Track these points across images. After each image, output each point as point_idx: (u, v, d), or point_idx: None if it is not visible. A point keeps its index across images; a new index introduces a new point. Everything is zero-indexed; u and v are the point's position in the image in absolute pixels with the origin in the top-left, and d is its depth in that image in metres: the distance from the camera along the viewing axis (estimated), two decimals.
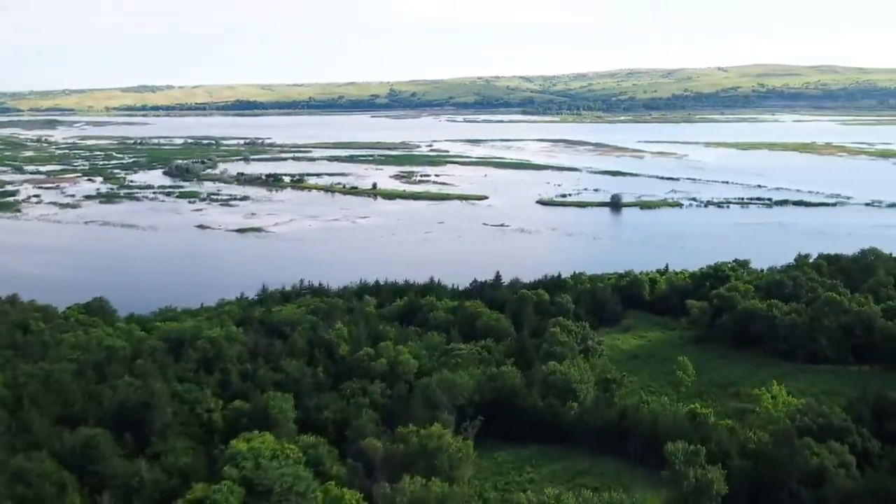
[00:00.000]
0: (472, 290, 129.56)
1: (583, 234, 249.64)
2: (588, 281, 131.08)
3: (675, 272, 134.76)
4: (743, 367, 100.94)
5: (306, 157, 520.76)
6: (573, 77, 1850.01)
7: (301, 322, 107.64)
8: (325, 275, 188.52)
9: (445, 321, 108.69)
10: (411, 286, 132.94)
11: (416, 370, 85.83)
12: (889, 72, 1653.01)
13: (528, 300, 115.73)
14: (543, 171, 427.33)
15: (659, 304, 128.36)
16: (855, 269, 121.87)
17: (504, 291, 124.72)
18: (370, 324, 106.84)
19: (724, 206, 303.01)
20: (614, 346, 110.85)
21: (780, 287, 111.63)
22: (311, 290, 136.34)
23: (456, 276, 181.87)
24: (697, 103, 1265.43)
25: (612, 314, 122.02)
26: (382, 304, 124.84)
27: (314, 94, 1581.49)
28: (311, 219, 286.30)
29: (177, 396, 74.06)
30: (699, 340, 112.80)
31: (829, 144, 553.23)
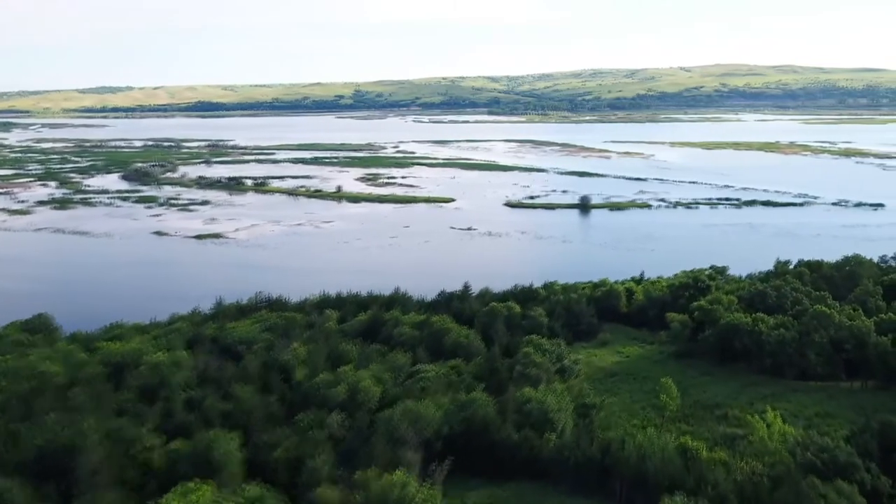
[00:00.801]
0: (440, 301, 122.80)
1: (552, 237, 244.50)
2: (561, 291, 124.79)
3: (652, 281, 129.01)
4: (729, 386, 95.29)
5: (269, 160, 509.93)
6: (538, 77, 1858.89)
7: (256, 341, 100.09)
8: (285, 284, 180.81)
9: (411, 338, 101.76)
10: (375, 298, 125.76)
11: (379, 397, 78.95)
12: (847, 71, 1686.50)
13: (498, 314, 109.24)
14: (511, 172, 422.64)
15: (636, 316, 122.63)
16: (838, 277, 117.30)
17: (473, 303, 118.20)
18: (330, 342, 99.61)
19: (692, 206, 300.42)
20: (591, 362, 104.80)
21: (764, 298, 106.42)
22: (268, 303, 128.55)
23: (422, 285, 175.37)
24: (661, 103, 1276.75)
25: (587, 328, 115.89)
26: (345, 318, 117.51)
27: (278, 95, 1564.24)
28: (273, 224, 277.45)
29: (111, 435, 66.26)
30: (680, 356, 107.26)
31: (792, 144, 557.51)
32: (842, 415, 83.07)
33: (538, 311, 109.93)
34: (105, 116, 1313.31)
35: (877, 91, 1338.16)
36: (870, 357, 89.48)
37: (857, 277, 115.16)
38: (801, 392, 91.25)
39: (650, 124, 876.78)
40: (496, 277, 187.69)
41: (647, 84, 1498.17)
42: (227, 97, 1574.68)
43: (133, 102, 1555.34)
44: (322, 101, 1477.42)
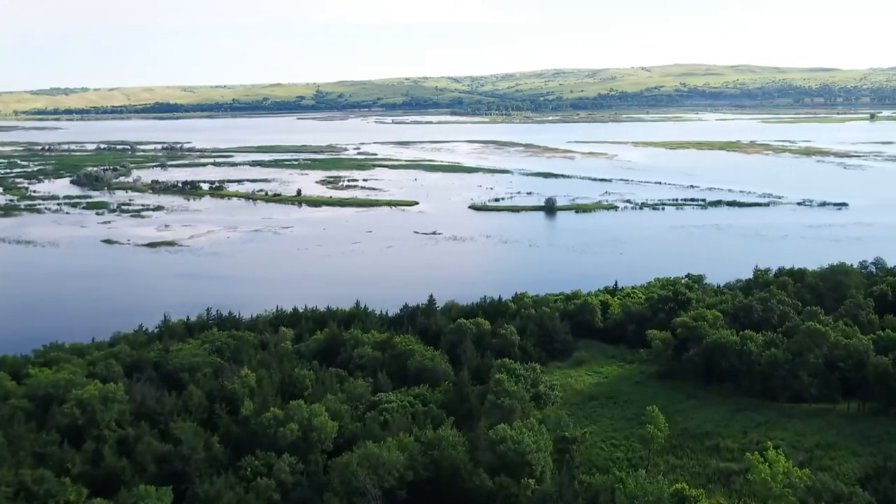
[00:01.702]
0: (403, 316, 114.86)
1: (518, 241, 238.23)
2: (532, 304, 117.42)
3: (627, 292, 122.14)
4: (718, 411, 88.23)
5: (227, 163, 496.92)
6: (501, 77, 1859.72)
7: (201, 367, 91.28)
8: (240, 296, 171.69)
9: (372, 360, 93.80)
10: (334, 313, 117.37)
11: (336, 434, 70.94)
12: (803, 71, 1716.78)
13: (466, 331, 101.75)
14: (475, 173, 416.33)
15: (613, 331, 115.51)
16: (823, 287, 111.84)
17: (439, 319, 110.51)
18: (284, 366, 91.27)
19: (658, 207, 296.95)
20: (567, 384, 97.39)
21: (749, 312, 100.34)
22: (219, 320, 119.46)
23: (386, 295, 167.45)
24: (623, 102, 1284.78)
25: (562, 346, 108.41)
26: (301, 337, 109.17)
27: (238, 96, 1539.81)
28: (229, 230, 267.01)
29: (24, 490, 57.42)
30: (663, 376, 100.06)
31: (753, 143, 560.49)
32: (844, 445, 76.98)
33: (509, 328, 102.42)
34: (58, 119, 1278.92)
35: (831, 90, 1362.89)
36: (868, 378, 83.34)
37: (844, 287, 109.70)
38: (796, 418, 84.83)
39: (613, 124, 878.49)
40: (463, 285, 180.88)
41: (608, 84, 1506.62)
42: (186, 98, 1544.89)
43: (88, 104, 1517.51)
44: (283, 102, 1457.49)
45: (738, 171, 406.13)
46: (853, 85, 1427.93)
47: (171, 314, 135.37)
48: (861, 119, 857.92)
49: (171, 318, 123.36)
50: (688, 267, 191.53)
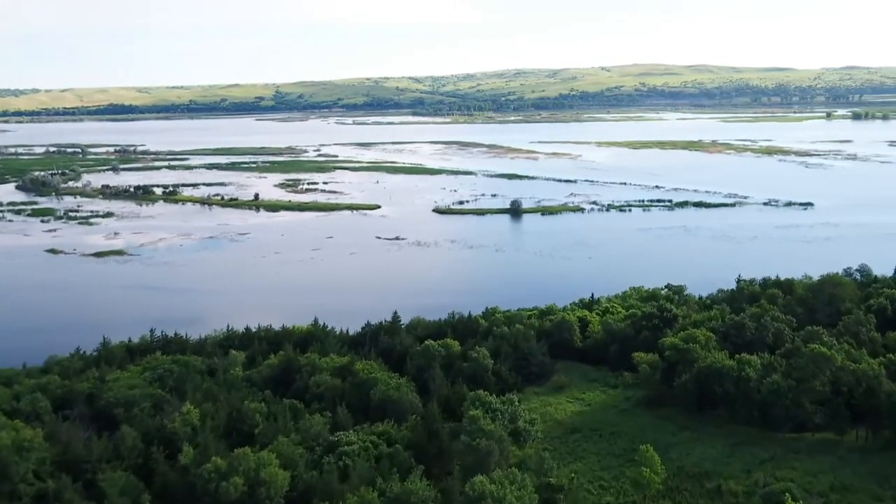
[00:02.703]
0: (365, 336, 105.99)
1: (484, 246, 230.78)
2: (504, 320, 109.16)
3: (606, 306, 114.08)
4: (716, 446, 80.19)
5: (183, 166, 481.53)
6: (462, 77, 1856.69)
7: (140, 400, 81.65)
8: (190, 310, 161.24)
9: (331, 389, 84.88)
10: (290, 333, 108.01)
11: (288, 486, 62.12)
12: (759, 71, 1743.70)
13: (434, 355, 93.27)
14: (438, 175, 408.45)
15: (593, 351, 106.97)
16: (817, 301, 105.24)
17: (404, 338, 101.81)
18: (232, 398, 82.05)
19: (625, 209, 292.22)
20: (547, 414, 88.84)
21: (741, 331, 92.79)
22: (163, 342, 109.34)
23: (347, 308, 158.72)
24: (584, 102, 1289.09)
25: (539, 369, 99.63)
26: (254, 360, 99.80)
27: (195, 97, 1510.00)
28: (183, 237, 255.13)
29: None
30: (651, 403, 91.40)
31: (715, 142, 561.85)
32: (862, 487, 69.69)
33: (481, 351, 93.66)
34: (6, 121, 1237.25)
35: (787, 89, 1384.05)
36: (880, 406, 76.07)
37: (838, 300, 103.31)
38: (803, 453, 77.63)
39: (575, 124, 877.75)
40: (428, 295, 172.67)
41: (569, 84, 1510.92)
42: (141, 99, 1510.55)
43: (38, 105, 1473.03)
44: (241, 102, 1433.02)
45: (702, 170, 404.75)
46: (808, 84, 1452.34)
47: (113, 334, 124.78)
48: (818, 118, 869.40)
49: (110, 340, 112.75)
50: (661, 273, 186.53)
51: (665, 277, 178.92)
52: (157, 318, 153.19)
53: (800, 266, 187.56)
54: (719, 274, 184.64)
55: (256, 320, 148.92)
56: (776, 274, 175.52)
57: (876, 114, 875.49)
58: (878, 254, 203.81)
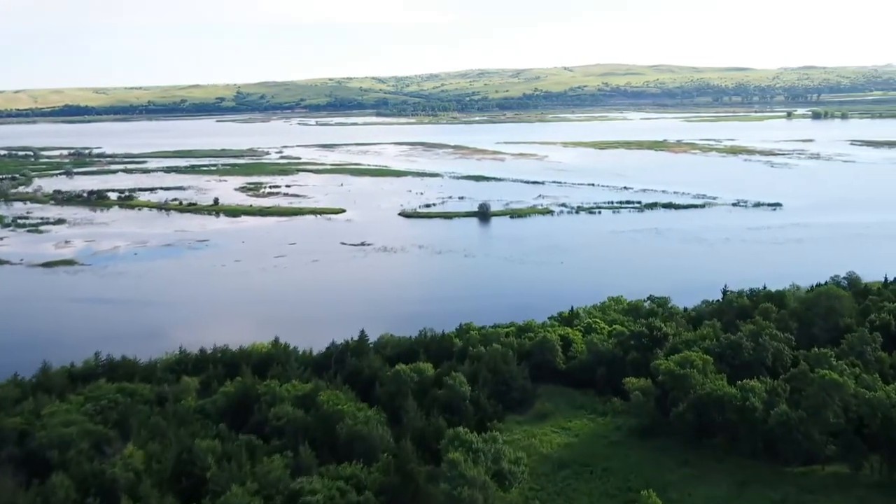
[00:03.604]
0: (330, 357, 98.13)
1: (453, 251, 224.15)
2: (479, 338, 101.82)
3: (588, 322, 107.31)
4: (720, 485, 72.90)
5: (140, 169, 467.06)
6: (426, 77, 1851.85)
7: (77, 440, 73.17)
8: (142, 327, 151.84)
9: (293, 423, 77.05)
10: (248, 355, 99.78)
11: None
12: (719, 70, 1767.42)
13: (406, 381, 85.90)
14: (403, 177, 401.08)
15: (578, 374, 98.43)
16: (813, 315, 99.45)
17: (372, 361, 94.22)
18: (182, 435, 73.91)
19: (595, 211, 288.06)
20: (531, 446, 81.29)
21: (738, 351, 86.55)
22: (109, 366, 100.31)
23: (310, 323, 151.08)
24: (548, 102, 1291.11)
25: (520, 394, 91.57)
26: (208, 386, 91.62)
27: (154, 98, 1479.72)
28: (138, 245, 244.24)
29: None
30: (644, 434, 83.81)
31: (680, 142, 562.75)
32: None
33: (458, 377, 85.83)
34: None
35: (747, 89, 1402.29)
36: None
37: (836, 315, 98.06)
38: (818, 492, 70.78)
39: (540, 124, 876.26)
40: (396, 305, 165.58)
41: (532, 84, 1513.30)
42: (98, 101, 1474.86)
43: None
44: (201, 103, 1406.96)
45: (669, 171, 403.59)
46: (767, 84, 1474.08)
47: (57, 355, 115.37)
48: (779, 117, 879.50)
49: (51, 364, 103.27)
50: (638, 279, 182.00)
51: (642, 284, 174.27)
52: (106, 336, 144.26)
53: (779, 270, 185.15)
54: (699, 280, 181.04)
55: (214, 336, 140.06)
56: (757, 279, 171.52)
57: (835, 113, 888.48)
58: (855, 256, 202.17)
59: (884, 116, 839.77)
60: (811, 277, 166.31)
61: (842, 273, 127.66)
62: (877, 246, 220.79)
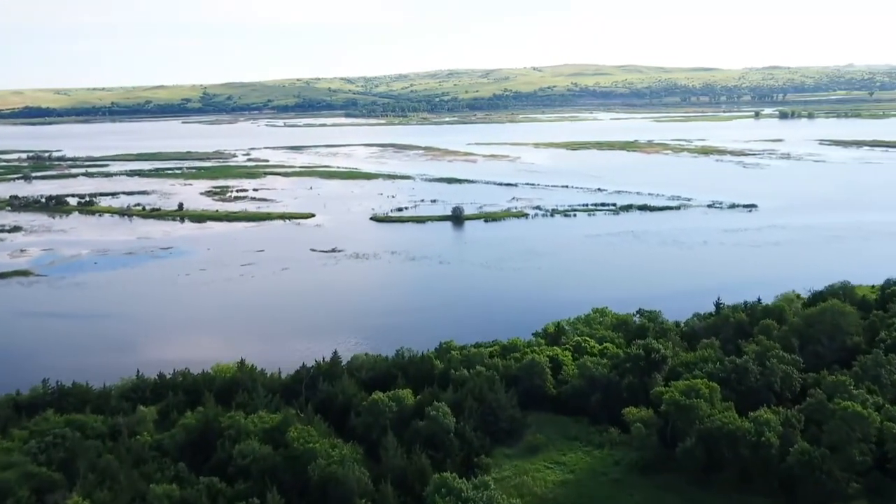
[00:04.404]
0: (301, 382, 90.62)
1: (427, 257, 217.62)
2: (462, 360, 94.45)
3: (577, 341, 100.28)
4: None
5: (102, 173, 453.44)
6: (395, 78, 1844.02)
7: (16, 487, 65.23)
8: (98, 345, 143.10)
9: (260, 462, 69.44)
10: (211, 380, 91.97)
11: None
12: (686, 70, 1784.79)
13: (384, 411, 78.54)
14: (374, 179, 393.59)
15: (571, 400, 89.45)
16: (817, 332, 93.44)
17: (346, 386, 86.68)
18: (136, 477, 66.39)
19: (570, 214, 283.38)
20: (523, 485, 73.63)
21: (744, 376, 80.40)
22: (59, 394, 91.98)
23: (279, 338, 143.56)
24: (518, 102, 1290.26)
25: (509, 425, 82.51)
26: (167, 415, 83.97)
27: (117, 99, 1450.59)
28: (98, 253, 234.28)
29: None
30: (647, 470, 76.48)
31: (651, 142, 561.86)
32: None
33: (441, 407, 78.07)
34: None
35: (714, 89, 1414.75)
36: None
37: (843, 333, 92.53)
38: None
39: (510, 124, 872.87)
40: (369, 316, 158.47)
41: (502, 84, 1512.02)
42: (59, 102, 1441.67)
43: None
44: (167, 104, 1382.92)
45: (642, 172, 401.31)
46: (733, 84, 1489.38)
47: (3, 380, 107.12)
48: (747, 117, 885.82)
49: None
50: (619, 286, 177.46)
51: (624, 292, 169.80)
52: (59, 355, 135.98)
53: (762, 275, 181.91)
54: (682, 286, 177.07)
55: (176, 354, 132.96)
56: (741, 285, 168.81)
57: (802, 112, 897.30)
58: (835, 259, 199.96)
59: (849, 116, 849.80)
60: (795, 282, 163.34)
61: (826, 279, 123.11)
62: (856, 248, 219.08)
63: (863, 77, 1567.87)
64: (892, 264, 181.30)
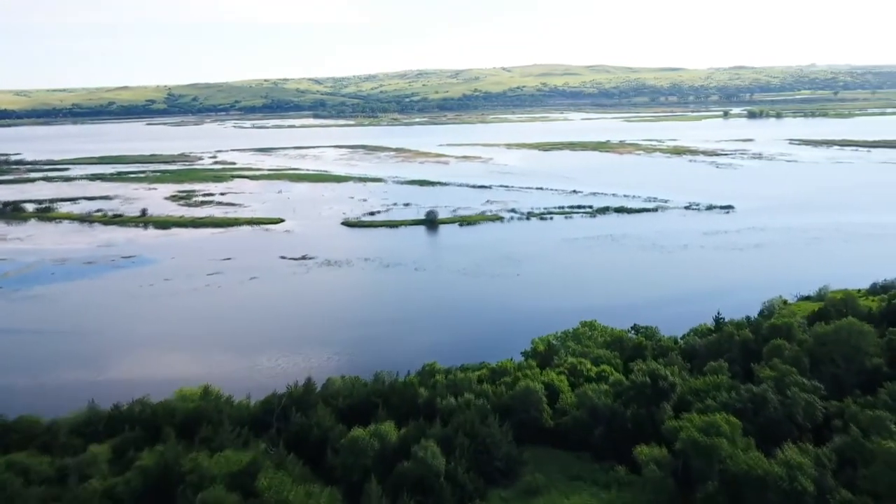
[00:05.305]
0: (271, 412, 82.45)
1: (401, 264, 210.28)
2: (448, 386, 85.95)
3: (571, 362, 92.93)
4: None
5: (62, 177, 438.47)
6: (364, 78, 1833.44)
7: None
8: (50, 368, 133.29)
9: None
10: (172, 411, 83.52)
11: None
12: (653, 70, 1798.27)
13: (365, 450, 70.55)
14: (345, 182, 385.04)
15: (571, 433, 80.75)
16: (832, 352, 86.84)
17: (321, 418, 78.16)
18: None
19: (546, 217, 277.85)
20: None
21: (763, 406, 73.17)
22: (2, 430, 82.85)
23: (247, 359, 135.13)
24: (488, 103, 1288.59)
25: (504, 463, 73.77)
26: (123, 454, 75.59)
27: (79, 100, 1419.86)
28: (56, 263, 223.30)
29: None
30: None
31: (623, 143, 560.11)
32: None
33: (429, 446, 68.99)
34: None
35: (682, 89, 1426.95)
36: None
37: (861, 355, 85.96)
38: None
39: (481, 125, 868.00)
40: (343, 329, 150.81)
41: (471, 84, 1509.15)
42: (18, 104, 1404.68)
43: None
44: (131, 106, 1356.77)
45: (616, 172, 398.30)
46: (700, 84, 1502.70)
47: None
48: (715, 117, 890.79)
49: None
50: (603, 294, 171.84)
51: (609, 300, 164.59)
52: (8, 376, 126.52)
53: (749, 280, 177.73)
54: (667, 292, 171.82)
55: (135, 375, 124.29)
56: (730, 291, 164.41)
57: (770, 112, 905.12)
58: (818, 263, 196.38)
59: (816, 115, 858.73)
60: (780, 286, 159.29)
61: (811, 282, 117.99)
62: (837, 250, 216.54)
63: (826, 77, 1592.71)
64: (875, 266, 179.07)
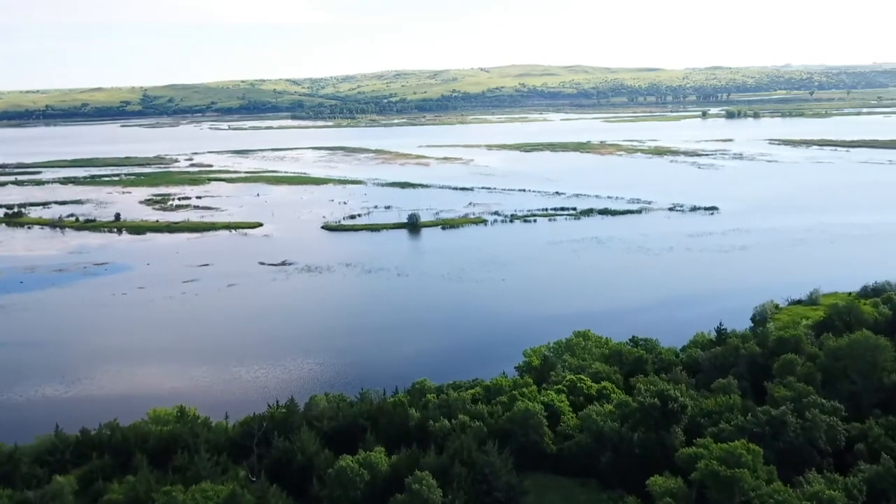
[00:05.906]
0: (251, 436, 76.72)
1: (384, 269, 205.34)
2: (441, 407, 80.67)
3: (570, 379, 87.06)
4: None
5: (33, 181, 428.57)
6: (342, 79, 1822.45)
7: None
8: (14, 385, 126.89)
9: None
10: (145, 436, 77.80)
11: None
12: (632, 71, 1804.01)
13: (354, 482, 64.97)
14: (324, 185, 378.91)
15: (575, 459, 74.85)
16: (848, 367, 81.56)
17: (305, 443, 72.60)
18: None
19: (530, 220, 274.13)
20: None
21: (782, 430, 69.05)
22: None
23: (225, 372, 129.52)
24: (467, 103, 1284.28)
25: (505, 495, 67.06)
26: (90, 484, 69.65)
27: (52, 102, 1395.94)
28: (25, 271, 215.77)
29: None
30: None
31: (603, 143, 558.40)
32: None
33: (424, 478, 64.26)
34: None
35: (659, 89, 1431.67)
36: None
37: (878, 371, 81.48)
38: None
39: (461, 126, 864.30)
40: (325, 338, 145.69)
41: (450, 85, 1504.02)
42: None
43: None
44: (105, 107, 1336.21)
45: (598, 173, 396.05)
46: (678, 84, 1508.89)
47: None
48: (694, 117, 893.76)
49: None
50: (593, 299, 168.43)
51: (597, 304, 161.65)
52: None
53: (739, 283, 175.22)
54: (657, 297, 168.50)
55: (107, 391, 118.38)
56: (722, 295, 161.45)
57: (747, 112, 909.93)
58: (805, 266, 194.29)
59: (793, 115, 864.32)
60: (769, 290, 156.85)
61: (800, 285, 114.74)
62: (823, 252, 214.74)
63: (801, 77, 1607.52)
64: (862, 268, 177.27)
